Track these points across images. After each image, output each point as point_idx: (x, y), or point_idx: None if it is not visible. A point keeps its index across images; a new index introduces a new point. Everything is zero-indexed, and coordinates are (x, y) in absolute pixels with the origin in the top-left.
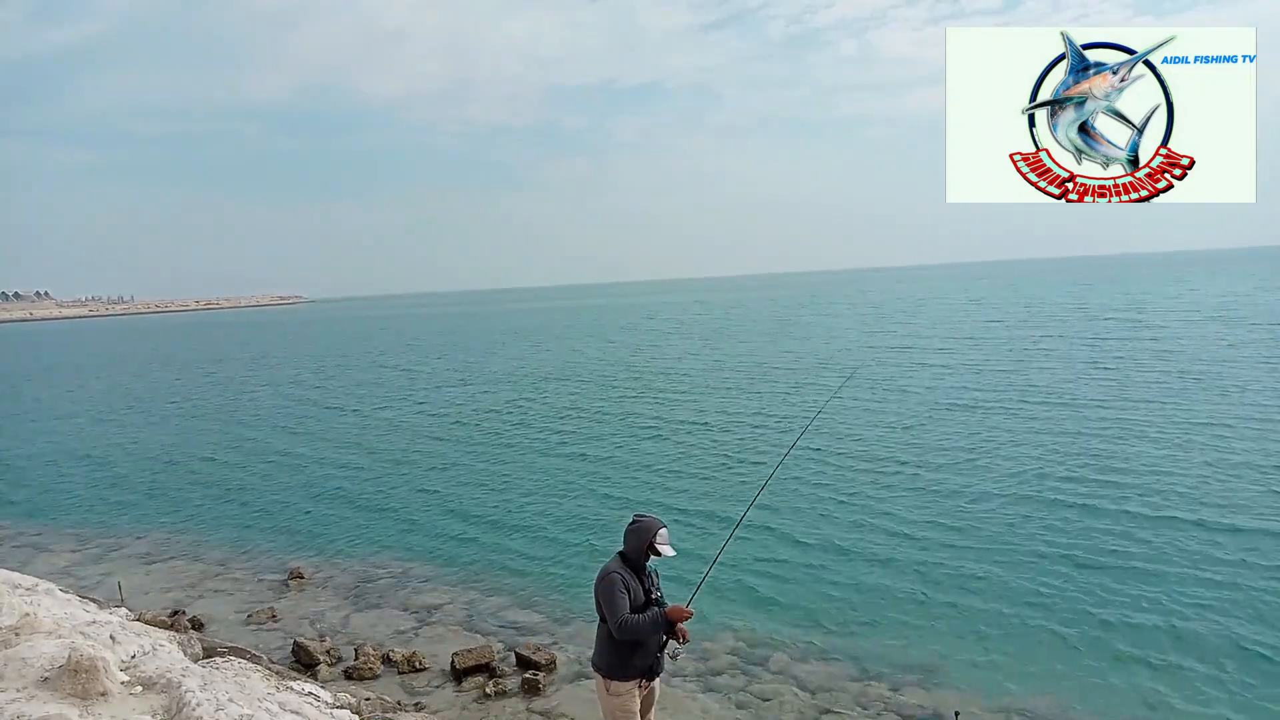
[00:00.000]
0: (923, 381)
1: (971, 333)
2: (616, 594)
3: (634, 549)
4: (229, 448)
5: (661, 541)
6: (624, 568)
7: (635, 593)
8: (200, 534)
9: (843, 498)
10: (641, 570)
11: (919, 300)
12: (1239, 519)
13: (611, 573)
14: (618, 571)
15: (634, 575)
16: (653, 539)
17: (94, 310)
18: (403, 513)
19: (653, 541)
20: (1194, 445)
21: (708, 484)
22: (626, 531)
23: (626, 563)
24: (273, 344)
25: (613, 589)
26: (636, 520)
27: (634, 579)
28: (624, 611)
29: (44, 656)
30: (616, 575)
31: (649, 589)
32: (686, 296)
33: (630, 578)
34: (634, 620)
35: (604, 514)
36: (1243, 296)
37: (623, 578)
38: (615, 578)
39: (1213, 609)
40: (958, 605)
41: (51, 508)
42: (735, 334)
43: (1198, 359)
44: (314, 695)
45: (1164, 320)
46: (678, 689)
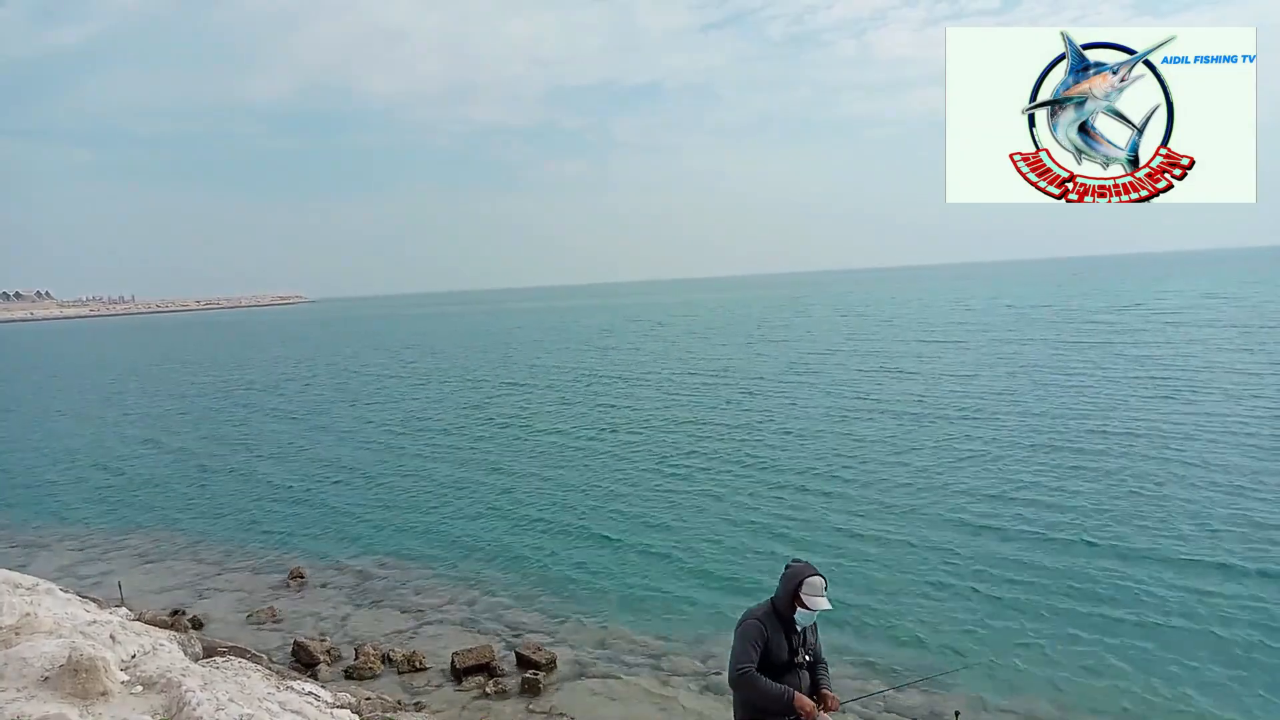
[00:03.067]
0: (893, 387)
1: (946, 335)
2: (743, 643)
3: (781, 597)
4: (229, 448)
5: (810, 593)
6: (770, 616)
7: (777, 649)
8: (200, 534)
9: (841, 497)
10: (791, 624)
11: (904, 301)
12: (1241, 517)
13: (749, 619)
14: (757, 620)
15: (781, 628)
16: (797, 588)
17: (95, 310)
18: (403, 513)
19: (798, 591)
20: (1189, 445)
21: (706, 484)
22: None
23: (775, 611)
24: (273, 344)
25: (742, 638)
26: (789, 565)
27: (780, 632)
28: (747, 664)
29: (44, 656)
30: (754, 624)
31: (796, 648)
32: (681, 297)
33: (774, 630)
34: (752, 679)
35: (604, 514)
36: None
37: (761, 627)
38: (751, 626)
39: (1212, 607)
40: (957, 605)
41: (51, 508)
42: (713, 335)
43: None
44: (314, 695)
45: (1143, 323)
46: (677, 689)
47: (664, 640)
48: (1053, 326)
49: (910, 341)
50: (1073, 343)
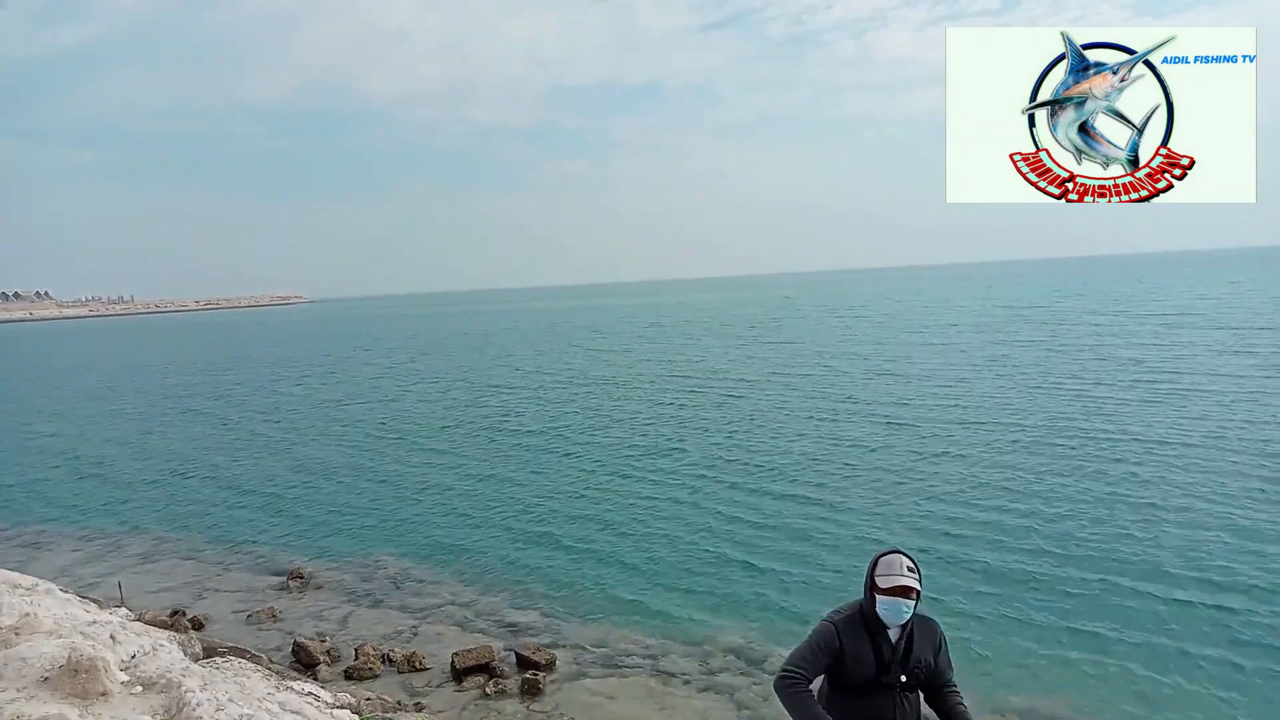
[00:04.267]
0: (892, 387)
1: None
2: (805, 646)
3: (866, 594)
4: (229, 448)
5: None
6: (855, 620)
7: (856, 663)
8: (200, 534)
9: (842, 497)
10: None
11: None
12: (1240, 518)
13: (824, 621)
14: (832, 624)
15: (867, 635)
16: (872, 571)
17: (94, 310)
18: (403, 513)
19: (872, 575)
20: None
21: (706, 484)
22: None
23: (863, 614)
24: (272, 344)
25: (808, 639)
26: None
27: (864, 641)
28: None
29: (44, 656)
30: (826, 627)
31: (888, 662)
32: (676, 297)
33: (855, 637)
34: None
35: (605, 514)
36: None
37: (833, 632)
38: (821, 629)
39: (1210, 607)
40: (957, 604)
41: (51, 508)
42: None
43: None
44: (314, 695)
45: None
46: (678, 689)
47: (664, 640)
48: (1046, 327)
49: (909, 343)
50: (1065, 345)
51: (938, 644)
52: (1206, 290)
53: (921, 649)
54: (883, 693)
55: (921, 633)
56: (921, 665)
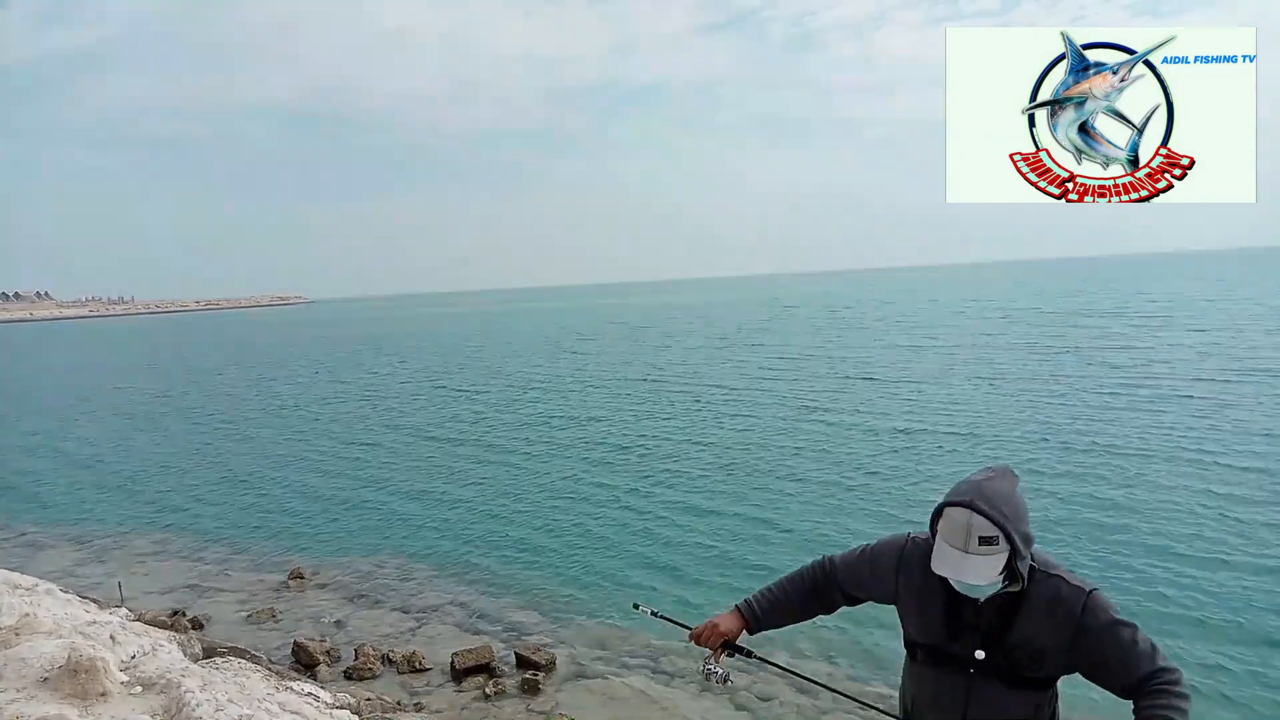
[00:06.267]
0: (891, 388)
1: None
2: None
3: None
4: (229, 448)
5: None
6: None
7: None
8: (200, 534)
9: (842, 499)
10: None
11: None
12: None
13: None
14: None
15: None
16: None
17: (94, 310)
18: (403, 513)
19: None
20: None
21: (705, 484)
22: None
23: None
24: (271, 344)
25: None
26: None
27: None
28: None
29: (44, 656)
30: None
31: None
32: (673, 298)
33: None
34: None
35: (604, 514)
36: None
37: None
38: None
39: (1211, 605)
40: None
41: (51, 508)
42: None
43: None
44: (314, 695)
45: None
46: (678, 689)
47: (664, 640)
48: (1038, 327)
49: (909, 346)
50: (1058, 348)
51: (1076, 626)
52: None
53: (1036, 626)
54: (954, 668)
55: (1049, 602)
56: (1026, 648)
